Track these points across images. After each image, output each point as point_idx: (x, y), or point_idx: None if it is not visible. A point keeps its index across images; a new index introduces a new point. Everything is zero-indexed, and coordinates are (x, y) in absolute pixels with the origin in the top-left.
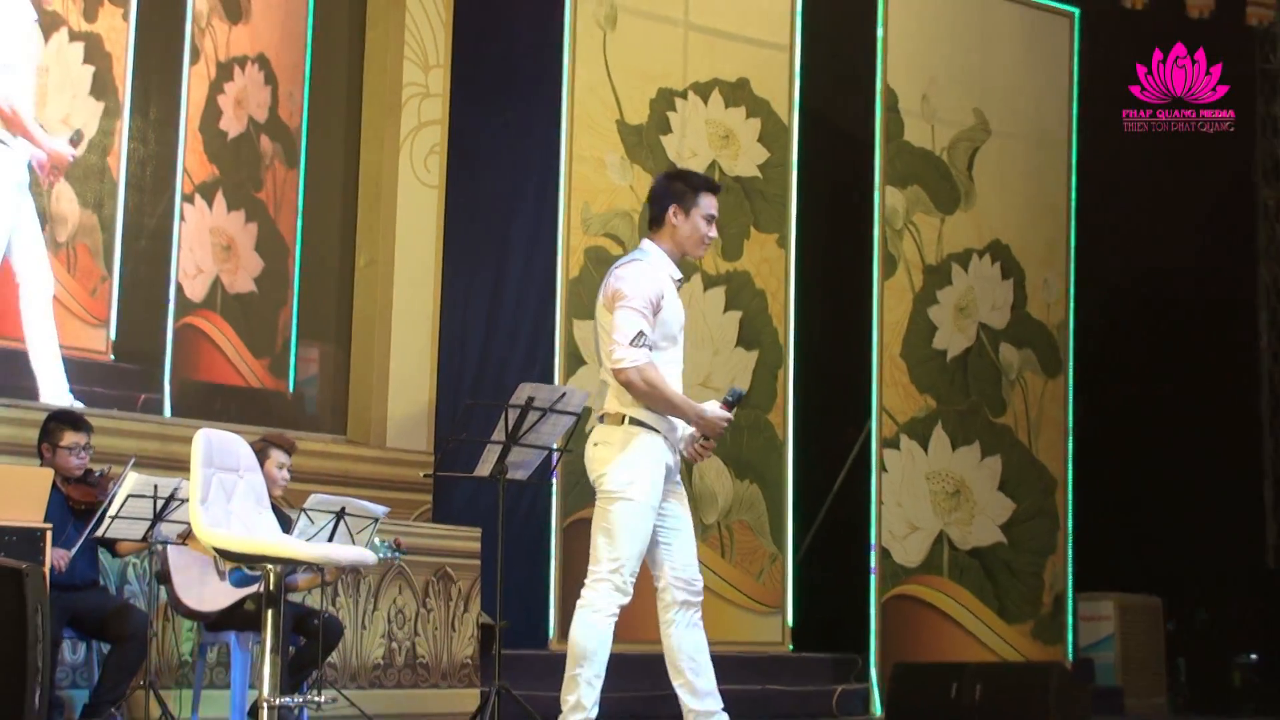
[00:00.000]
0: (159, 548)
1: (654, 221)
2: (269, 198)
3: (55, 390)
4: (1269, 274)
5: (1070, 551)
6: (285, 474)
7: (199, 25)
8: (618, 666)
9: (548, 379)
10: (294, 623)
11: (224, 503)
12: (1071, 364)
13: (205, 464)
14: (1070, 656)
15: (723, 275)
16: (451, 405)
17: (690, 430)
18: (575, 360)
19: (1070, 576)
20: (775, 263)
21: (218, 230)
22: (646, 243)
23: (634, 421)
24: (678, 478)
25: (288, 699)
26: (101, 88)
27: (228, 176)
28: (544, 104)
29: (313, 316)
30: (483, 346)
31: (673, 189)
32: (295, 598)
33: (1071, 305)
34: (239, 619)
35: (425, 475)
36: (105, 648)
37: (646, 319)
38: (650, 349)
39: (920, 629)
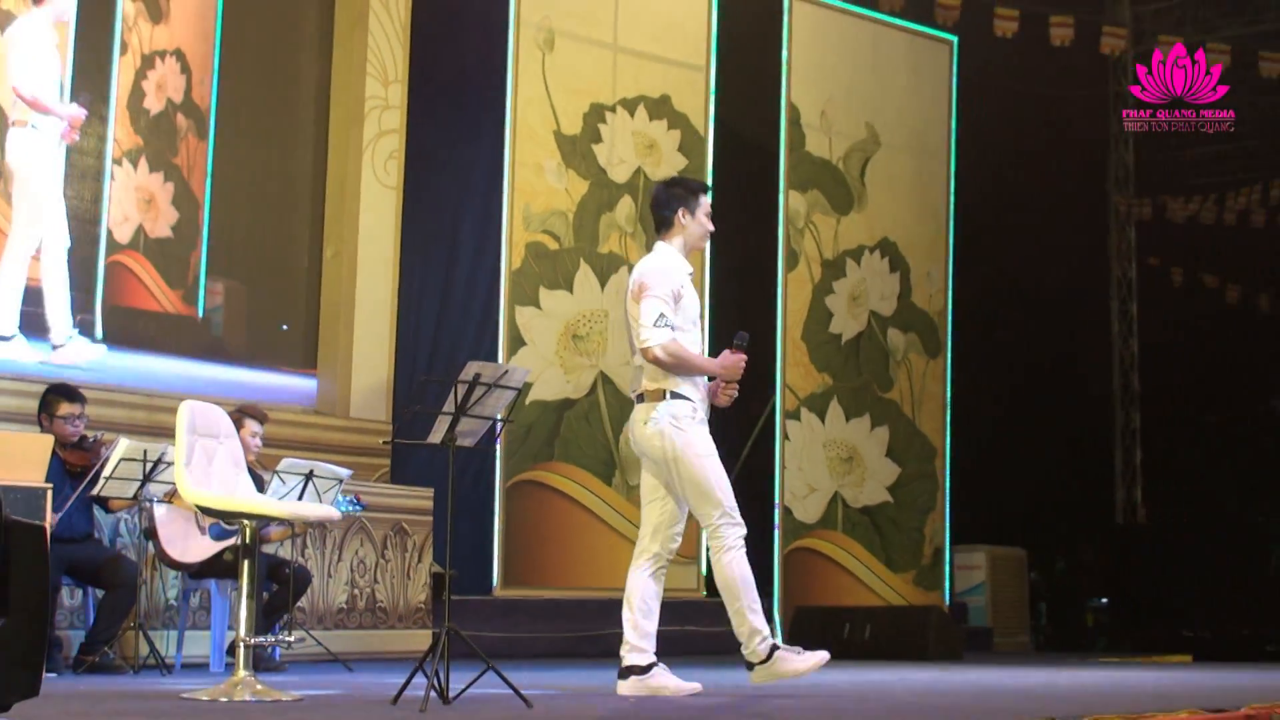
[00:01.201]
0: (147, 505)
1: (663, 225)
2: (183, 163)
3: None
4: (1119, 270)
5: (947, 510)
6: (258, 441)
7: (127, 25)
8: (558, 609)
9: (493, 358)
10: (267, 571)
11: (205, 466)
12: (950, 346)
13: (189, 431)
14: (947, 601)
15: None
16: (408, 381)
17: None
18: (517, 341)
19: (947, 531)
20: (692, 256)
21: (141, 188)
22: (660, 245)
23: (674, 395)
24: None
25: (262, 638)
26: None
27: (149, 145)
28: (490, 116)
29: (219, 257)
30: (435, 329)
31: (677, 194)
32: (269, 549)
33: (950, 295)
34: (219, 568)
35: (384, 442)
36: (99, 594)
37: (668, 304)
38: (672, 329)
39: (818, 577)
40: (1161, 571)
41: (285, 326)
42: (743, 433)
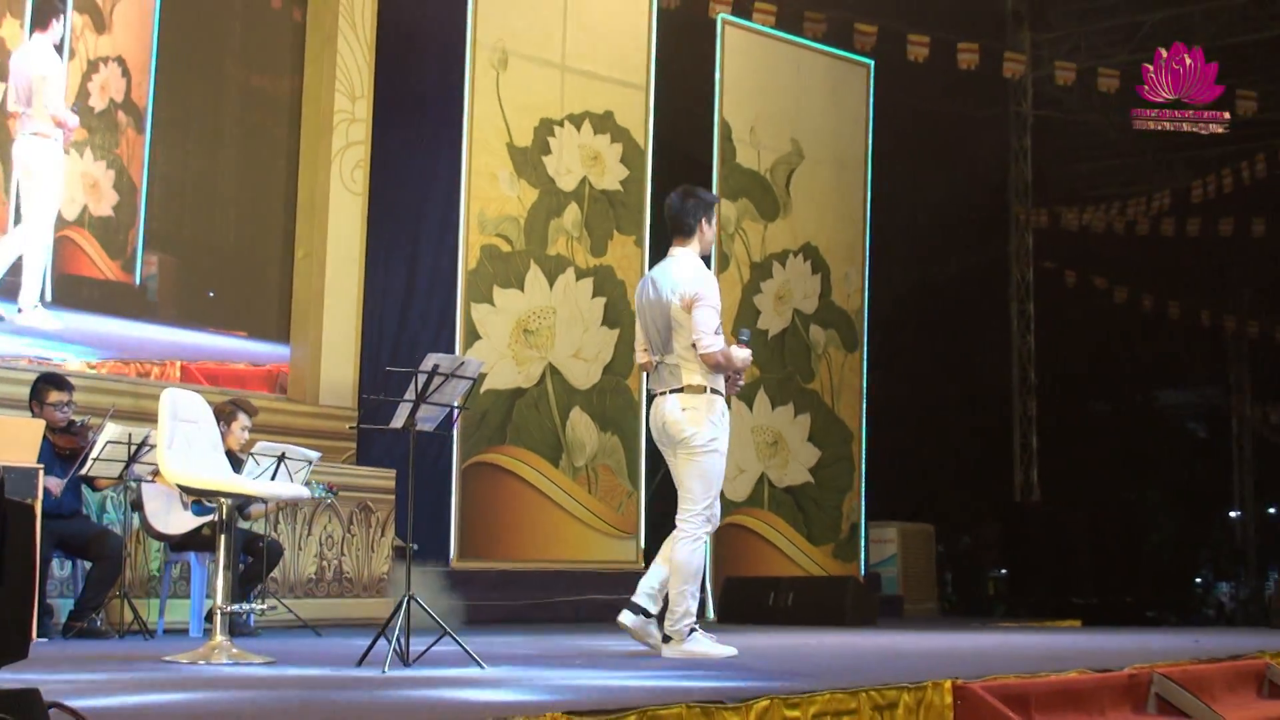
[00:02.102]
0: (133, 484)
1: (686, 231)
2: (124, 153)
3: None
4: (1018, 272)
5: (863, 489)
6: (246, 434)
7: (75, 34)
8: (509, 579)
9: (450, 350)
10: (243, 545)
11: (186, 448)
12: (866, 342)
13: (171, 416)
14: (862, 571)
15: (591, 268)
16: (372, 371)
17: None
18: (473, 335)
19: (863, 509)
20: (633, 258)
21: (86, 174)
22: (681, 251)
23: (714, 391)
24: None
25: (237, 606)
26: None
27: (94, 138)
28: (448, 129)
29: (154, 234)
30: (398, 324)
31: (701, 204)
32: (244, 524)
33: (866, 295)
34: (198, 542)
35: (351, 427)
36: (87, 565)
37: (718, 313)
38: (720, 335)
39: (746, 550)
40: (1054, 545)
41: (212, 294)
42: None
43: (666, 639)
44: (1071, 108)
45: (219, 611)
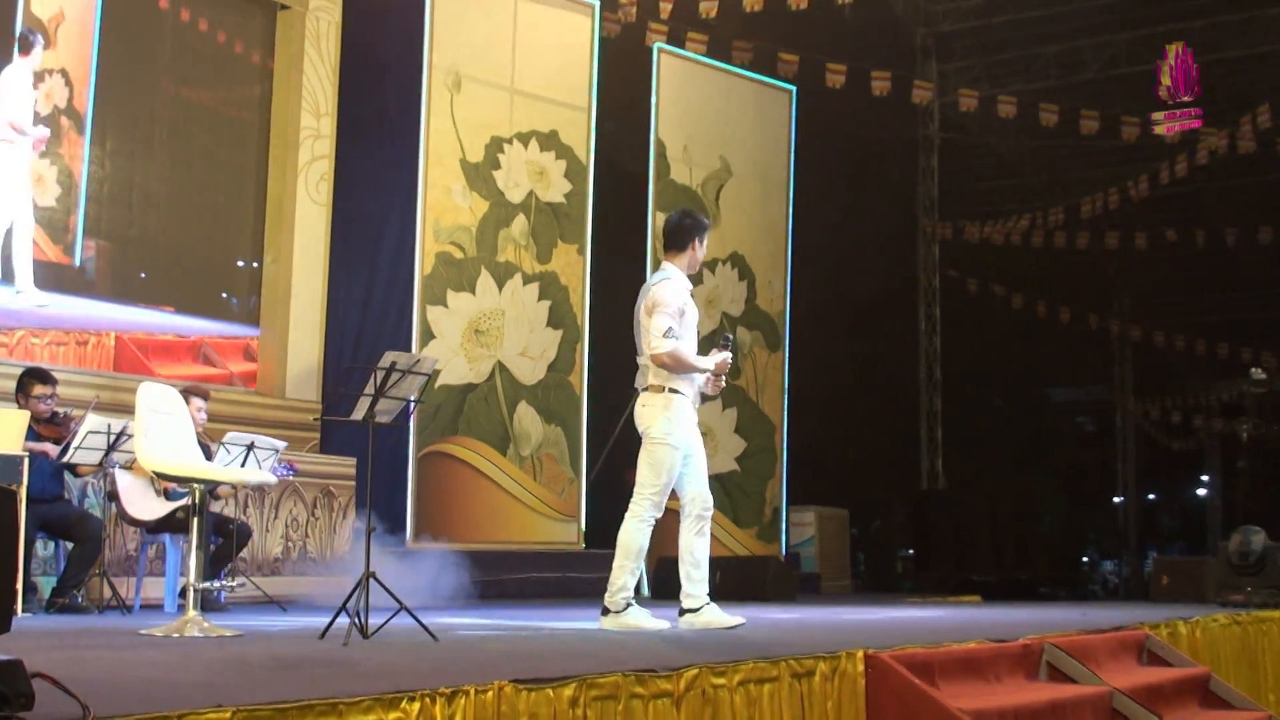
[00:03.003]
0: (110, 471)
1: (678, 247)
2: (65, 152)
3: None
4: (925, 280)
5: (784, 477)
6: (203, 415)
7: None
8: (460, 559)
9: (407, 348)
10: (214, 527)
11: (161, 438)
12: (787, 342)
13: (147, 408)
14: (783, 552)
15: (538, 274)
16: (335, 367)
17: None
18: (428, 335)
19: (784, 495)
20: (575, 266)
21: (33, 171)
22: (669, 265)
23: (672, 390)
24: (698, 430)
25: (208, 583)
26: None
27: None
28: (406, 145)
29: (94, 219)
30: (359, 323)
31: (696, 225)
32: (215, 507)
33: (788, 300)
34: (172, 524)
35: (315, 418)
36: (69, 546)
37: (675, 319)
38: (676, 339)
39: (677, 532)
40: (956, 528)
41: (144, 275)
42: (616, 413)
43: (605, 611)
44: (973, 131)
45: (192, 588)
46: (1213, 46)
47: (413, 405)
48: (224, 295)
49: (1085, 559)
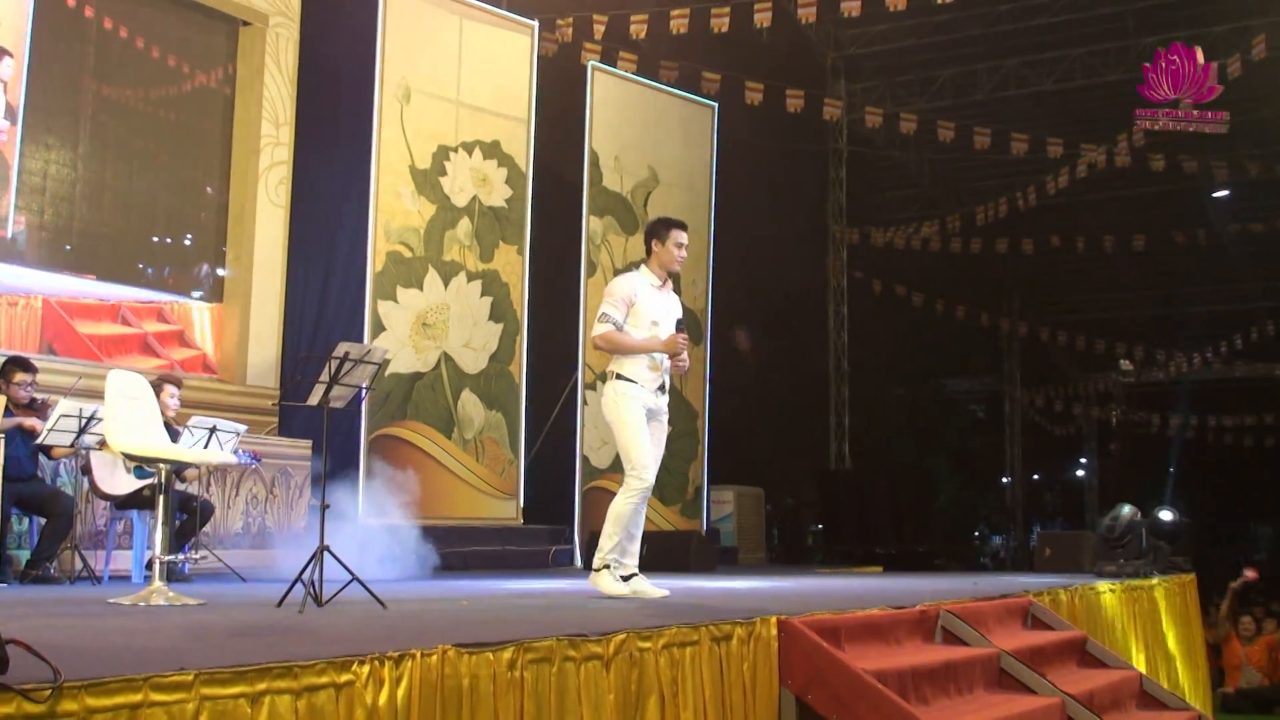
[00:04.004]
0: (83, 451)
1: (647, 251)
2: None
3: None
4: (835, 280)
5: (706, 458)
6: (176, 402)
7: None
8: (408, 534)
9: (359, 339)
10: (179, 503)
11: (130, 421)
12: (709, 335)
13: (117, 394)
14: (704, 527)
15: (481, 272)
16: (293, 356)
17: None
18: (379, 327)
19: (705, 475)
20: (516, 265)
21: None
22: (642, 265)
23: (619, 376)
24: (660, 418)
25: (173, 556)
26: None
27: None
28: (359, 153)
29: (25, 191)
30: (315, 317)
31: (653, 230)
32: (181, 487)
33: (710, 296)
34: (140, 501)
35: (273, 404)
36: (42, 521)
37: (614, 308)
38: (614, 326)
39: (606, 509)
40: (861, 505)
41: (68, 248)
42: (552, 400)
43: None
44: (878, 145)
45: (158, 560)
46: (1093, 71)
47: (364, 392)
48: (140, 265)
49: (977, 533)
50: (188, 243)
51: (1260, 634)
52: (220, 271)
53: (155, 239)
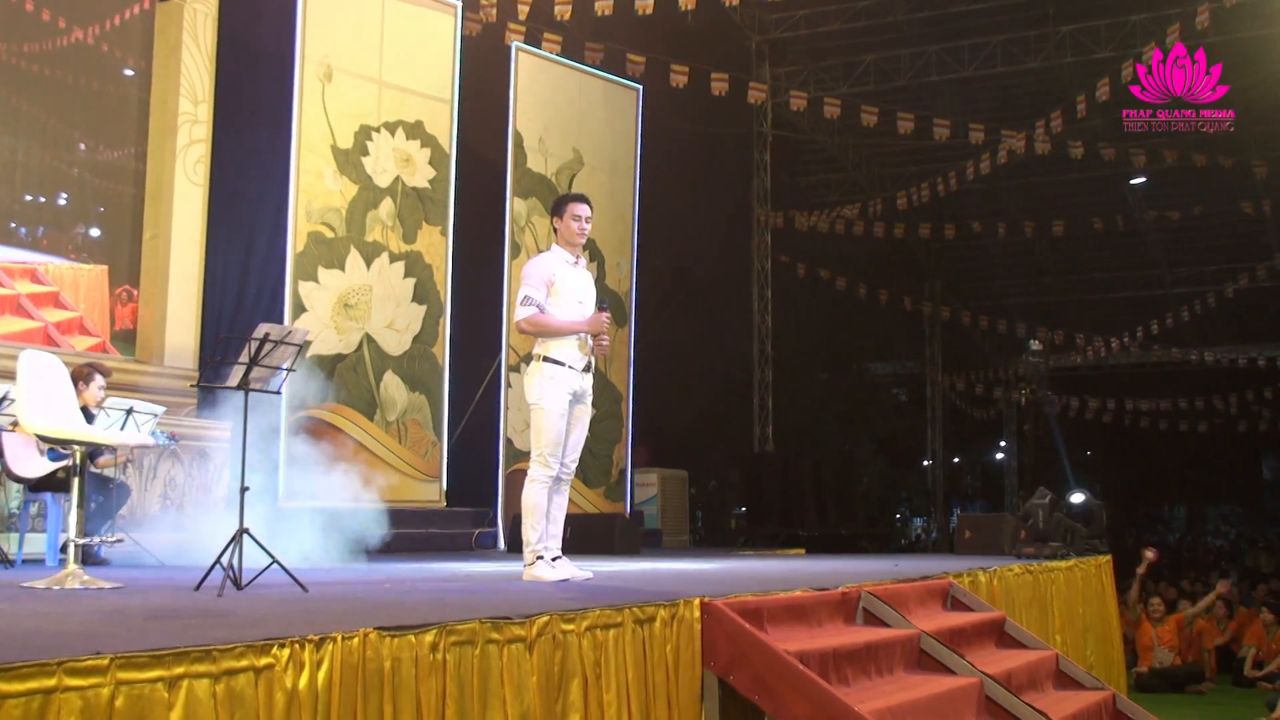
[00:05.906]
0: None
1: (553, 230)
2: None
3: None
4: (759, 264)
5: (629, 441)
6: (102, 393)
7: None
8: (329, 516)
9: (279, 320)
10: (94, 485)
11: (44, 402)
12: (633, 318)
13: (31, 375)
14: (628, 510)
15: (404, 253)
16: (212, 337)
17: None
18: (300, 309)
19: (629, 457)
20: (439, 246)
21: None
22: (553, 245)
23: (545, 359)
24: (585, 400)
25: (88, 539)
26: None
27: None
28: (280, 131)
29: None
30: (236, 297)
31: (554, 209)
32: (95, 471)
33: (634, 279)
34: (54, 483)
35: (192, 385)
36: None
37: (535, 289)
38: (538, 308)
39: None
40: (784, 488)
41: (14, 225)
42: (476, 382)
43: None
44: (802, 129)
45: (72, 544)
46: (1013, 58)
47: (283, 374)
48: (12, 225)
49: (899, 515)
50: (62, 203)
51: (1171, 613)
52: (94, 233)
53: (28, 198)
